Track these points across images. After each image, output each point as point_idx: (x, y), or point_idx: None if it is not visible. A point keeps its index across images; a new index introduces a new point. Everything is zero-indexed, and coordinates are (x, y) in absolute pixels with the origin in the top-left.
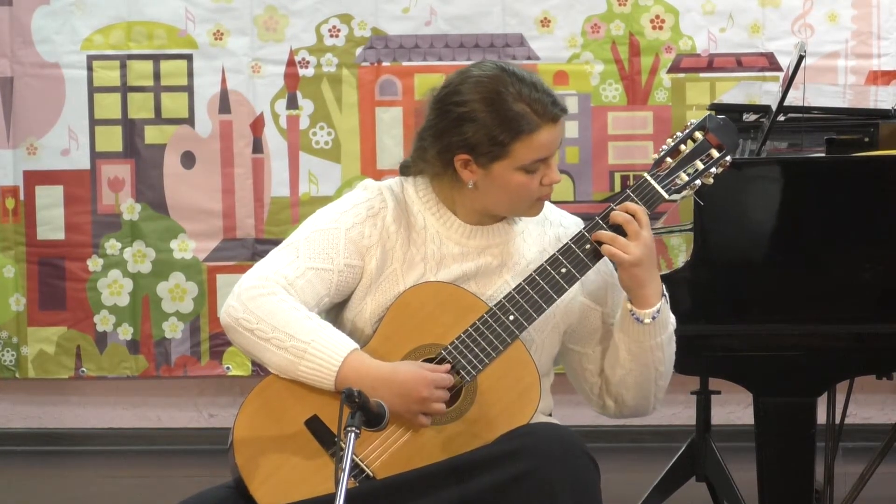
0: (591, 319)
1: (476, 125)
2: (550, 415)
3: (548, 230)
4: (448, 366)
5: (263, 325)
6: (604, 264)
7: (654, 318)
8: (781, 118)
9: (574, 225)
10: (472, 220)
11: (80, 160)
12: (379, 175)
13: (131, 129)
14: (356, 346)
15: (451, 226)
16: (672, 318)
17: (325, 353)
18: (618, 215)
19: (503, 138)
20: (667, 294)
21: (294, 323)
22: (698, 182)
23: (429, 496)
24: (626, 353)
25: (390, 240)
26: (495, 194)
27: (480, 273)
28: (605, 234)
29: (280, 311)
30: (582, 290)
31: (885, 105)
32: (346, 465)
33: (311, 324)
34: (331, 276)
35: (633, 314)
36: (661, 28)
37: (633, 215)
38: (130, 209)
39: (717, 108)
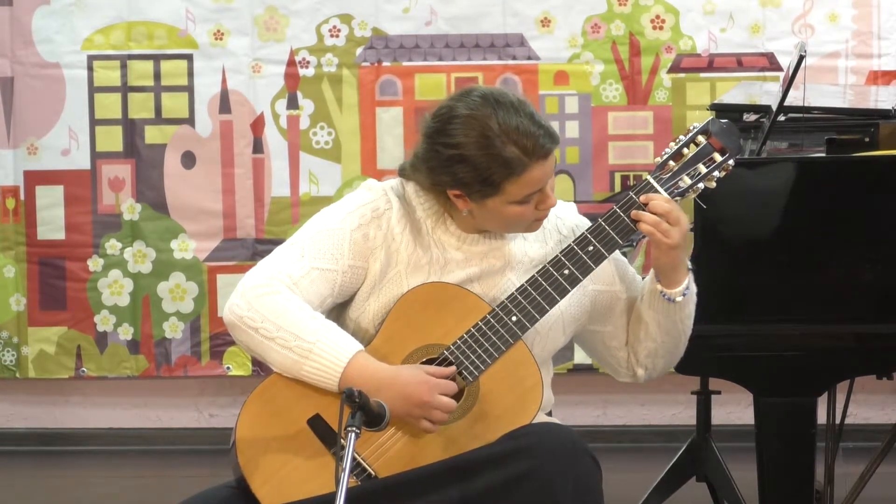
0: (603, 300)
1: (466, 167)
2: (550, 412)
3: (546, 223)
4: (453, 368)
5: (268, 324)
6: None
7: (684, 294)
8: (782, 118)
9: (569, 212)
10: (470, 231)
11: (81, 160)
12: (379, 175)
13: (132, 129)
14: (361, 347)
15: (452, 233)
16: (694, 287)
17: (330, 354)
18: (658, 206)
19: (494, 179)
20: (691, 266)
21: (299, 322)
22: (701, 185)
23: (430, 496)
24: (655, 327)
25: (395, 242)
26: (491, 221)
27: (484, 275)
28: (648, 216)
29: (285, 311)
30: (590, 279)
31: (886, 105)
32: (347, 464)
33: (316, 324)
34: (335, 276)
35: (664, 295)
36: (661, 28)
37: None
38: (131, 209)
39: (718, 108)
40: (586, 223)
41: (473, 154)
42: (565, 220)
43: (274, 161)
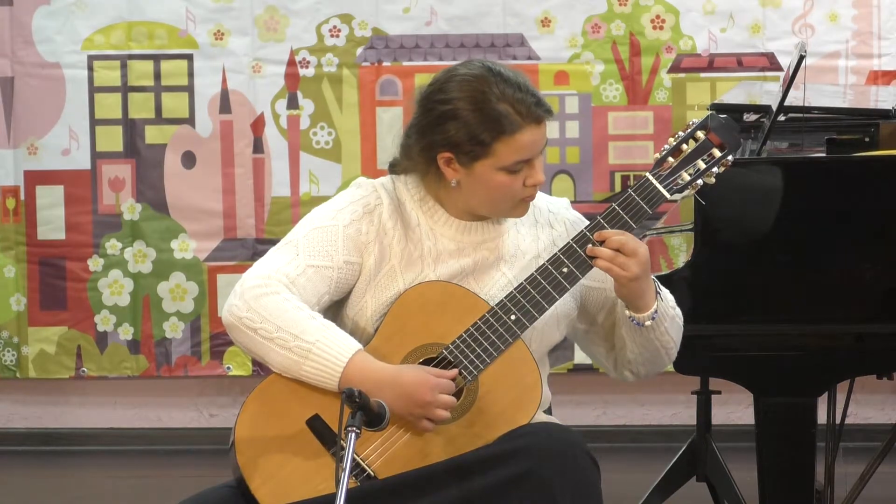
0: (594, 297)
1: (458, 123)
2: (549, 409)
3: (538, 217)
4: (455, 371)
5: (267, 325)
6: None
7: (653, 318)
8: (782, 118)
9: (562, 207)
10: (462, 217)
11: (81, 160)
12: (379, 175)
13: (132, 129)
14: (360, 346)
15: (444, 223)
16: (671, 301)
17: (330, 353)
18: (613, 240)
19: (485, 137)
20: (661, 289)
21: (298, 323)
22: (700, 181)
23: (429, 496)
24: (632, 343)
25: (387, 236)
26: (478, 193)
27: (478, 268)
28: (604, 251)
29: (284, 311)
30: None
31: (886, 105)
32: (347, 464)
33: (316, 324)
34: (331, 273)
35: (633, 320)
36: (661, 28)
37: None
38: (131, 209)
39: (718, 108)
40: (579, 218)
41: (466, 109)
42: (558, 214)
43: (274, 161)
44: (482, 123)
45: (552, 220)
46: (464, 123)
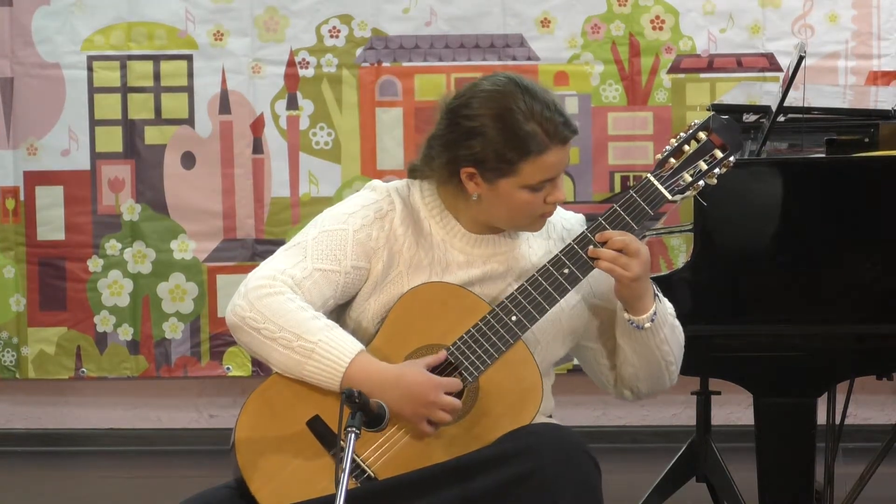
0: (598, 315)
1: (484, 140)
2: (551, 416)
3: (551, 232)
4: (458, 382)
5: (270, 325)
6: None
7: (652, 320)
8: (781, 119)
9: (575, 221)
10: (475, 230)
11: (81, 160)
12: (379, 175)
13: (131, 130)
14: (363, 347)
15: (456, 234)
16: (670, 309)
17: (332, 353)
18: (615, 241)
19: (511, 157)
20: (658, 292)
21: (301, 322)
22: (702, 182)
23: (430, 497)
24: (632, 353)
25: (397, 242)
26: (499, 209)
27: (486, 279)
28: (606, 252)
29: (287, 311)
30: (590, 289)
31: (886, 105)
32: (346, 465)
33: (319, 324)
34: (337, 277)
35: (631, 323)
36: (661, 28)
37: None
38: (130, 210)
39: (718, 108)
40: None
41: (494, 127)
42: (571, 231)
43: (274, 161)
44: (509, 142)
45: (565, 235)
46: (490, 141)
